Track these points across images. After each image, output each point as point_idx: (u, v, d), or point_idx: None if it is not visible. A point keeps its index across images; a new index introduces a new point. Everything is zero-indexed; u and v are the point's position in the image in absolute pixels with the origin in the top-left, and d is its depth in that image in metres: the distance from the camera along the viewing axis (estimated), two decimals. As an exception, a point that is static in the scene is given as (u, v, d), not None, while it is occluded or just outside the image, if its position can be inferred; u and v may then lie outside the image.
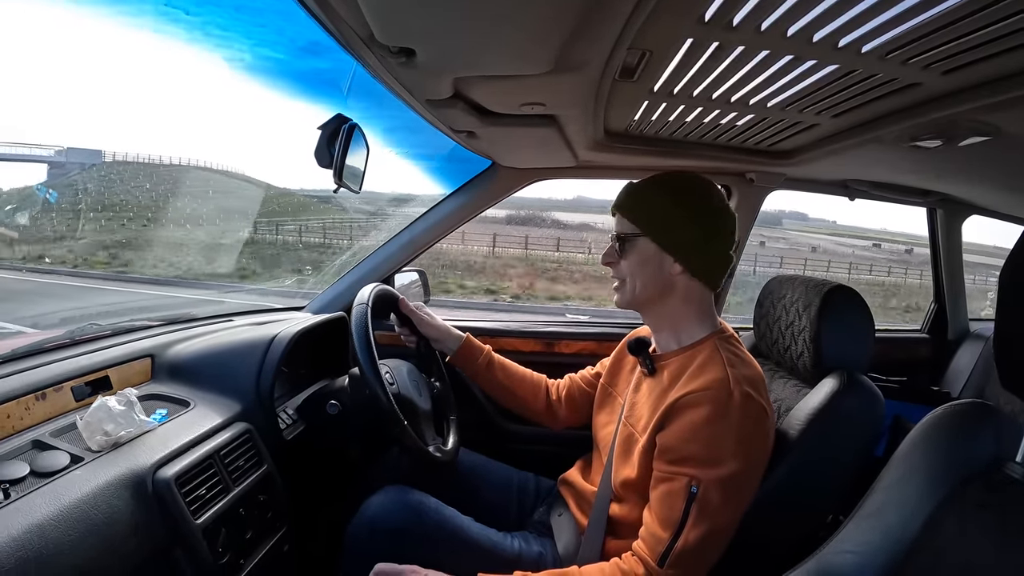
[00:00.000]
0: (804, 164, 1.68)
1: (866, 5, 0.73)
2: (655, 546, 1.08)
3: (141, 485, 1.06)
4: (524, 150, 1.76)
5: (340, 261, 3.14)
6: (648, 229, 1.23)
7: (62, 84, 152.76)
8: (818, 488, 1.27)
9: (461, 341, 1.65)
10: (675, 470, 1.10)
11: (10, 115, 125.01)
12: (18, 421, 1.12)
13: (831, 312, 1.34)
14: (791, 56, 0.92)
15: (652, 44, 0.92)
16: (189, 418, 1.29)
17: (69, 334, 1.44)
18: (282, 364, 1.50)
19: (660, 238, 1.22)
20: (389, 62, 0.99)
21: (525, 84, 1.11)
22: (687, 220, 1.21)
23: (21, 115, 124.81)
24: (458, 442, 1.62)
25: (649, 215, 1.23)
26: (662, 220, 1.22)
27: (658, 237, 1.22)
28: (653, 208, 1.23)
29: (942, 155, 1.41)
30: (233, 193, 32.44)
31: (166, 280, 13.83)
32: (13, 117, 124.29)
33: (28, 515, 0.87)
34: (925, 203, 2.35)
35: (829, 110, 1.19)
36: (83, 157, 33.12)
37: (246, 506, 1.24)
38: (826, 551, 0.91)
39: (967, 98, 0.99)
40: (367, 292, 1.46)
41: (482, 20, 0.82)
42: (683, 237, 1.21)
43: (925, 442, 0.89)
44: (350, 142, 1.35)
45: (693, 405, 1.11)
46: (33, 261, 15.42)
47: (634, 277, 1.27)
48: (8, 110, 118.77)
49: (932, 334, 2.61)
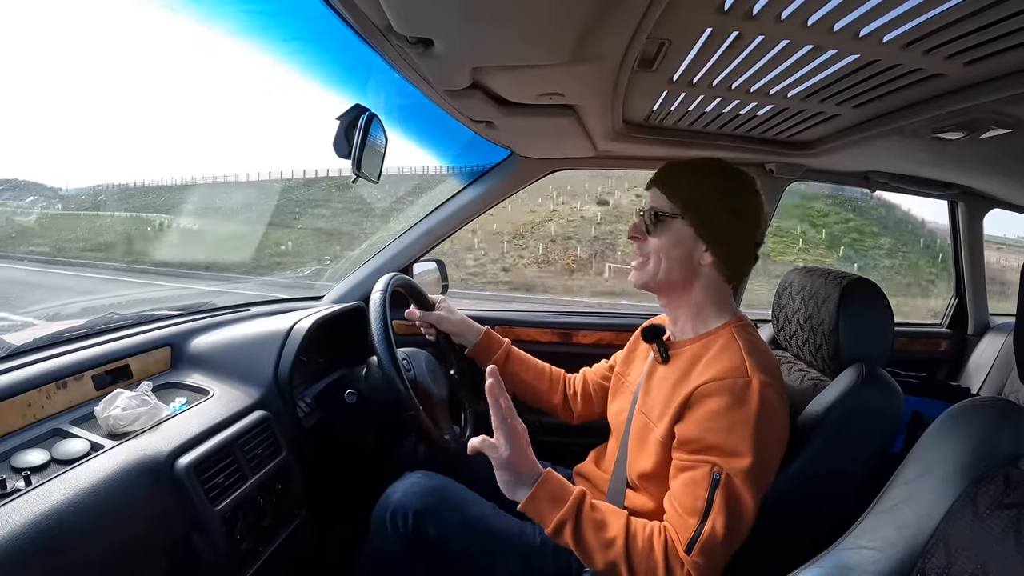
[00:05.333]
0: (824, 155, 1.66)
1: (888, -6, 0.72)
2: (682, 533, 1.07)
3: (160, 473, 1.07)
4: (542, 140, 1.75)
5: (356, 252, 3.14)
6: (687, 212, 1.21)
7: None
8: (835, 482, 1.26)
9: (480, 334, 1.65)
10: (697, 459, 1.09)
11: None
12: (39, 409, 1.14)
13: (850, 305, 1.32)
14: (811, 46, 0.91)
15: (671, 33, 0.91)
16: (208, 407, 1.30)
17: (90, 323, 1.45)
18: (301, 353, 1.50)
19: (699, 224, 1.20)
20: (407, 52, 0.99)
21: (543, 74, 1.11)
22: (728, 211, 1.19)
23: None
24: (474, 434, 1.63)
25: (691, 198, 1.21)
26: (705, 206, 1.20)
27: (696, 222, 1.20)
28: (697, 192, 1.21)
29: (963, 147, 1.39)
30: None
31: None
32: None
33: (48, 502, 0.89)
34: (946, 196, 2.32)
35: (850, 101, 1.17)
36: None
37: (264, 494, 1.25)
38: (842, 545, 0.90)
39: (989, 89, 0.98)
40: (386, 280, 1.47)
41: (500, 10, 0.82)
42: (721, 227, 1.20)
43: (943, 439, 0.89)
44: (368, 132, 1.36)
45: (712, 394, 1.10)
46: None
47: (661, 258, 1.24)
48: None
49: (952, 329, 2.59)
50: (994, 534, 0.74)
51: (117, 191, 32.46)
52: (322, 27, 1.06)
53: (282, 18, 2.43)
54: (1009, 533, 0.73)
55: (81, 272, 15.78)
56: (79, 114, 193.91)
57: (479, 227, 22.76)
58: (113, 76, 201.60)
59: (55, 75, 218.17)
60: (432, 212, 2.11)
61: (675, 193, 1.23)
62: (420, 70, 1.12)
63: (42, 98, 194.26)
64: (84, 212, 27.62)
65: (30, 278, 13.49)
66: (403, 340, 1.50)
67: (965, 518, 0.78)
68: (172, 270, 16.79)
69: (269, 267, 19.49)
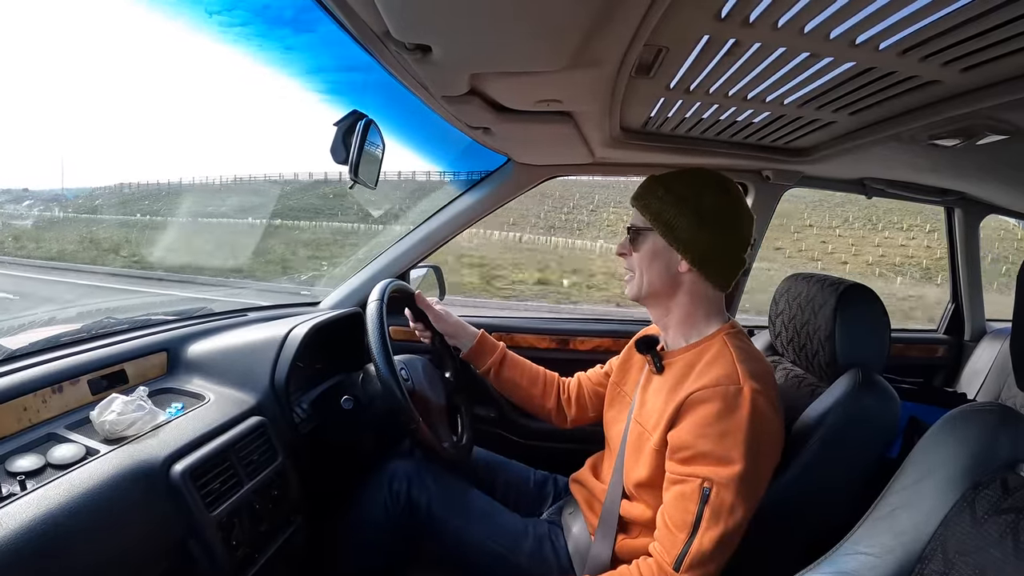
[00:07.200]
0: (821, 162, 1.67)
1: (884, 2, 0.73)
2: (671, 549, 1.08)
3: (155, 478, 1.06)
4: (540, 146, 1.76)
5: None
6: (656, 224, 1.23)
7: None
8: (832, 488, 1.26)
9: (476, 337, 1.66)
10: (688, 471, 1.10)
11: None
12: (35, 414, 1.13)
13: (846, 311, 1.33)
14: (808, 53, 0.92)
15: (668, 41, 0.91)
16: (204, 412, 1.29)
17: (86, 328, 1.45)
18: (297, 359, 1.50)
19: (667, 234, 1.22)
20: (404, 59, 0.99)
21: (541, 80, 1.11)
22: (696, 218, 1.20)
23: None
24: (472, 438, 1.63)
25: (659, 210, 1.23)
26: (670, 216, 1.21)
27: (665, 232, 1.22)
28: (664, 203, 1.22)
29: (960, 154, 1.40)
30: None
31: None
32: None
33: (43, 507, 0.88)
34: (943, 202, 2.33)
35: (846, 107, 1.18)
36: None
37: (260, 499, 1.25)
38: (840, 551, 0.90)
39: (985, 96, 0.98)
40: (382, 287, 1.47)
41: (498, 17, 0.82)
42: (690, 235, 1.20)
43: (940, 444, 0.89)
44: (366, 138, 1.36)
45: (703, 401, 1.10)
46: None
47: (643, 271, 1.27)
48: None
49: (949, 335, 2.59)
50: (992, 539, 0.74)
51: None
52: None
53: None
54: (1007, 538, 0.73)
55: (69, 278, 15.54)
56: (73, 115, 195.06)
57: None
58: (111, 76, 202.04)
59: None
60: (429, 218, 2.12)
61: (647, 207, 1.25)
62: (418, 76, 1.13)
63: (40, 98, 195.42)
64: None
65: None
66: (399, 346, 1.50)
67: (963, 523, 0.78)
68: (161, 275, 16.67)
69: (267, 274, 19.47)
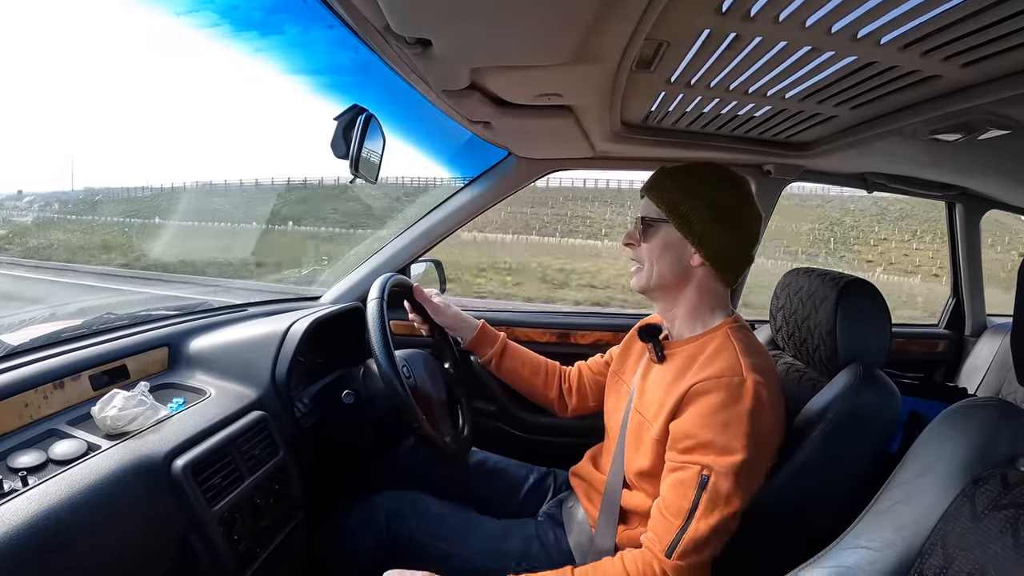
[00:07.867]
0: (822, 156, 1.66)
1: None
2: (664, 536, 1.09)
3: (157, 473, 1.07)
4: (541, 141, 1.75)
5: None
6: (672, 215, 1.22)
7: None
8: (832, 482, 1.26)
9: (476, 328, 1.66)
10: (687, 459, 1.10)
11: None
12: (36, 410, 1.14)
13: (848, 306, 1.32)
14: (809, 47, 0.92)
15: (669, 35, 0.91)
16: (205, 407, 1.29)
17: (87, 324, 1.45)
18: (298, 354, 1.50)
19: (684, 227, 1.22)
20: (405, 53, 0.99)
21: (542, 75, 1.11)
22: (710, 212, 1.20)
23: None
24: (472, 430, 1.63)
25: (675, 201, 1.22)
26: (687, 208, 1.21)
27: (682, 226, 1.22)
28: (682, 196, 1.22)
29: (961, 149, 1.40)
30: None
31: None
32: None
33: (45, 502, 0.88)
34: (944, 197, 2.33)
35: (847, 102, 1.18)
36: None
37: (262, 494, 1.25)
38: (840, 546, 0.90)
39: (986, 91, 0.98)
40: (382, 283, 1.47)
41: (499, 11, 0.82)
42: (704, 229, 1.20)
43: (940, 439, 0.89)
44: (366, 132, 1.36)
45: (707, 392, 1.10)
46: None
47: (653, 262, 1.26)
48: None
49: (950, 329, 2.59)
50: (992, 534, 0.74)
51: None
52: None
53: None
54: (1007, 533, 0.73)
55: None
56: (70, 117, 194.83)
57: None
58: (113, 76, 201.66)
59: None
60: (430, 212, 2.12)
61: (661, 199, 1.24)
62: (418, 70, 1.12)
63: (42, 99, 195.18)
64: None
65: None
66: (400, 340, 1.50)
67: (963, 518, 0.78)
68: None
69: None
